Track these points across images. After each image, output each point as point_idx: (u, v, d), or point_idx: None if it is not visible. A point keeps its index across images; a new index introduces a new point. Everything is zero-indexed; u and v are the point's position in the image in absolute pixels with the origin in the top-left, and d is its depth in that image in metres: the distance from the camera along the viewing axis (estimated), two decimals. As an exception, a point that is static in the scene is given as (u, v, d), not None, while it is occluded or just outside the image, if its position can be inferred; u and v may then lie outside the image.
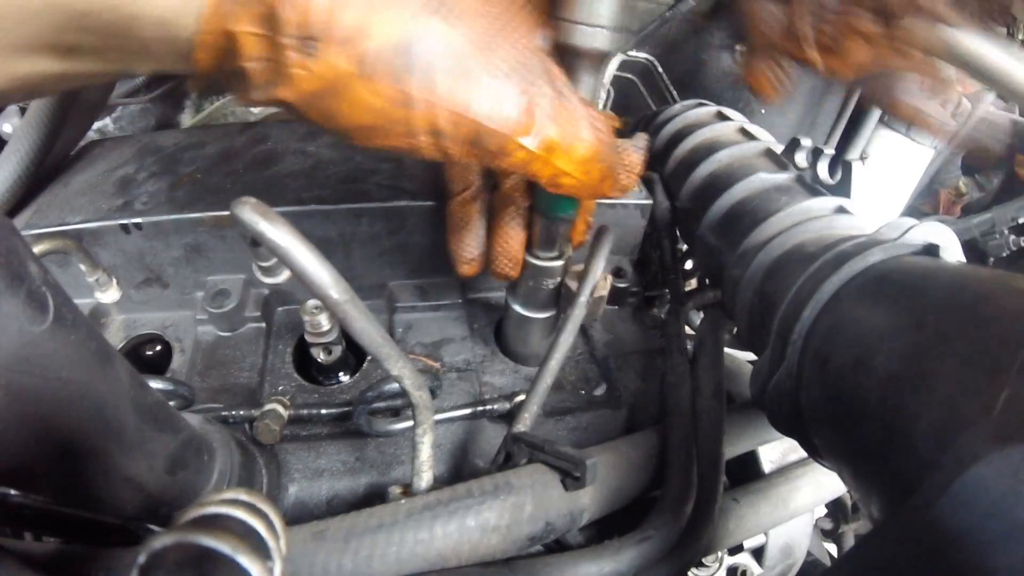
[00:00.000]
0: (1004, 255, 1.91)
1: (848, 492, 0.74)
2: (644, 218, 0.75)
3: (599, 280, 0.57)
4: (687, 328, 0.72)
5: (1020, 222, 1.91)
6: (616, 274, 0.75)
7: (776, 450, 0.66)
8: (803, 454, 0.66)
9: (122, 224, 0.64)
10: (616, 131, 0.43)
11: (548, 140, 0.36)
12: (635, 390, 0.68)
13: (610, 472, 0.53)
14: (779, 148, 0.62)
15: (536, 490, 0.47)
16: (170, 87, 1.19)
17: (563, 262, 0.58)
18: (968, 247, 1.99)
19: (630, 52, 1.16)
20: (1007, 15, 0.42)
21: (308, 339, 0.61)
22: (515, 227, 0.54)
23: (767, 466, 0.65)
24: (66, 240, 0.63)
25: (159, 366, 0.69)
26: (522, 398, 0.62)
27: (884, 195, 1.57)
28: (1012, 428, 0.25)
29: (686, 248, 0.77)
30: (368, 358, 0.68)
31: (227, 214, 0.46)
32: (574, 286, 0.58)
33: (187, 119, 1.27)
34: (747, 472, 0.65)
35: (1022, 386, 0.26)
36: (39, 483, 0.35)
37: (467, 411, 0.61)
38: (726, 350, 0.66)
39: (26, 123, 0.69)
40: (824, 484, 0.63)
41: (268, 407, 0.58)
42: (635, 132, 0.75)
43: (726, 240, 0.58)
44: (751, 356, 0.76)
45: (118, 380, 0.37)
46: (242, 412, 0.58)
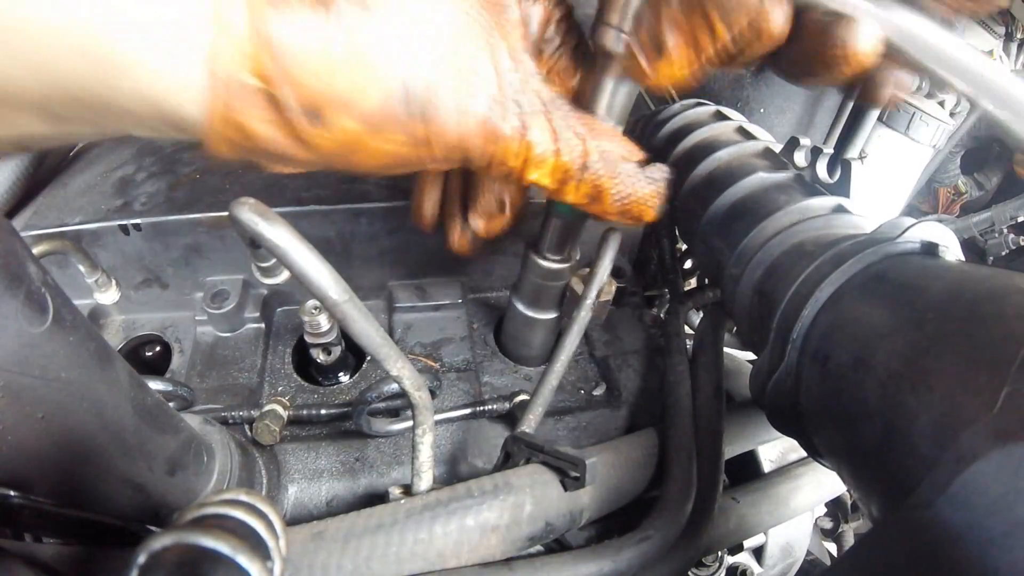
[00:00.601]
0: (1003, 253, 1.92)
1: (848, 491, 0.74)
2: (643, 217, 0.75)
3: (604, 283, 0.57)
4: (687, 328, 0.72)
5: (1019, 220, 1.91)
6: (616, 274, 0.75)
7: (776, 449, 0.66)
8: (803, 453, 0.66)
9: (121, 225, 0.64)
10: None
11: (557, 164, 0.38)
12: (634, 390, 0.68)
13: (610, 472, 0.53)
14: (778, 147, 0.62)
15: (535, 490, 0.47)
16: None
17: (571, 264, 0.58)
18: (967, 246, 1.99)
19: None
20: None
21: (307, 339, 0.61)
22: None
23: (767, 465, 0.65)
24: (65, 241, 0.63)
25: (158, 367, 0.70)
26: (522, 398, 0.62)
27: (883, 194, 1.58)
28: (1012, 426, 0.25)
29: (685, 247, 0.77)
30: (367, 358, 0.68)
31: (226, 215, 0.46)
32: (580, 289, 0.58)
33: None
34: (747, 471, 0.65)
35: (1022, 384, 0.26)
36: (39, 484, 0.35)
37: (467, 411, 0.61)
38: (726, 350, 0.66)
39: (25, 124, 0.69)
40: (824, 483, 0.63)
41: (267, 408, 0.58)
42: (635, 133, 0.76)
43: (725, 239, 0.58)
44: (751, 356, 0.76)
45: (117, 381, 0.37)
46: (242, 413, 0.58)
